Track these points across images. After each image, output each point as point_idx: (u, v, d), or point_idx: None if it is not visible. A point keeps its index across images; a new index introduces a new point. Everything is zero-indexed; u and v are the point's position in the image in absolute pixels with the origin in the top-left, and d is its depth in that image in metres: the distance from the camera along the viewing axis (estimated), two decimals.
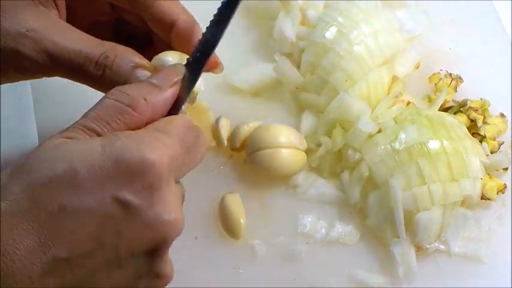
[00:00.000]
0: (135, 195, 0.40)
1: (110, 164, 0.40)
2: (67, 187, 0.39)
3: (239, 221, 0.60)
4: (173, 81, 0.46)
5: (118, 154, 0.40)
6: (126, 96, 0.43)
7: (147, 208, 0.41)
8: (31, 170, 0.40)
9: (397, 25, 0.68)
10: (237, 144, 0.63)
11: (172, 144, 0.43)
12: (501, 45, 0.72)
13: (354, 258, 0.61)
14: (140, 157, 0.40)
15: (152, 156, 0.41)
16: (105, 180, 0.40)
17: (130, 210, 0.40)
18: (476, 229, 0.61)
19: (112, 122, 0.43)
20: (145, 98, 0.44)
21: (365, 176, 0.60)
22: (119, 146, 0.40)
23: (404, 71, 0.67)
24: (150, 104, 0.44)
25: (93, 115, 0.43)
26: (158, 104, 0.45)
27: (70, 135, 0.42)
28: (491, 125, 0.64)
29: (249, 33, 0.73)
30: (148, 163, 0.40)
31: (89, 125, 0.42)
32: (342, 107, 0.62)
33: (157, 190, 0.41)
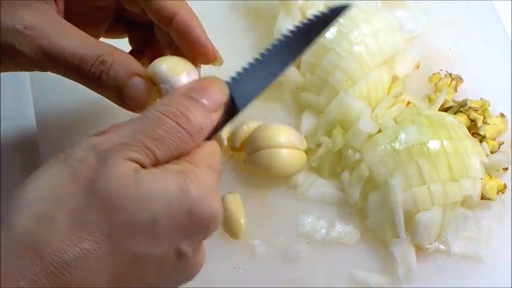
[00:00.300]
0: (191, 247, 0.42)
1: (185, 216, 0.40)
2: (145, 238, 0.39)
3: (239, 221, 0.60)
4: (220, 103, 0.45)
5: (192, 205, 0.40)
6: (186, 121, 0.42)
7: (194, 257, 0.43)
8: (112, 210, 0.38)
9: (397, 25, 0.68)
10: (237, 144, 0.63)
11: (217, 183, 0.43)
12: (501, 45, 0.72)
13: (354, 258, 0.61)
14: (209, 211, 0.41)
15: (216, 207, 0.41)
16: (177, 232, 0.40)
17: (182, 260, 0.42)
18: (476, 229, 0.61)
19: (172, 148, 0.42)
20: (201, 127, 0.43)
21: (365, 176, 0.60)
22: (194, 196, 0.40)
23: (404, 71, 0.67)
24: (204, 132, 0.44)
25: (156, 135, 0.41)
26: (207, 127, 0.44)
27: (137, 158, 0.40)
28: (491, 125, 0.64)
29: (249, 33, 0.72)
30: (213, 216, 0.41)
31: (152, 148, 0.41)
32: (342, 107, 0.62)
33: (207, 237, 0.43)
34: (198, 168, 0.42)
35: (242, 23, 0.73)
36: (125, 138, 0.41)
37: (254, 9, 0.73)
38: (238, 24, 0.73)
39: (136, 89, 0.48)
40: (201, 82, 0.46)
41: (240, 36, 0.72)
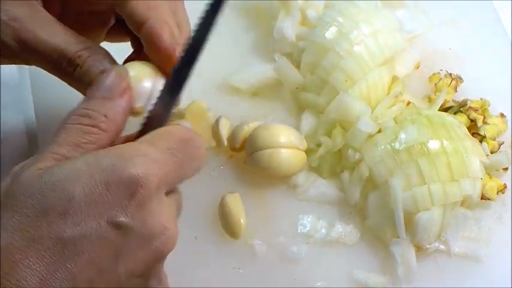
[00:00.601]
0: (127, 216, 0.40)
1: (100, 186, 0.40)
2: (62, 217, 0.39)
3: (239, 221, 0.60)
4: (122, 88, 0.46)
5: (105, 175, 0.40)
6: (86, 118, 0.43)
7: (140, 227, 0.41)
8: (21, 206, 0.39)
9: (397, 25, 0.68)
10: (237, 144, 0.63)
11: (162, 159, 0.42)
12: (501, 45, 0.72)
13: (354, 258, 0.61)
14: (127, 175, 0.40)
15: (139, 172, 0.40)
16: (98, 204, 0.40)
17: (125, 232, 0.40)
18: (476, 229, 0.61)
19: (82, 144, 0.42)
20: (104, 114, 0.44)
21: (365, 176, 0.60)
22: (105, 165, 0.40)
23: (404, 71, 0.67)
24: (111, 118, 0.44)
25: (61, 141, 0.42)
26: (116, 116, 0.45)
27: (44, 166, 0.41)
28: (491, 125, 0.64)
29: (249, 33, 0.73)
30: (135, 181, 0.40)
31: (60, 151, 0.42)
32: (342, 107, 0.62)
33: (148, 207, 0.41)
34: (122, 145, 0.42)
35: (242, 23, 0.73)
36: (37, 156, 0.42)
37: (254, 9, 0.73)
38: (238, 24, 0.73)
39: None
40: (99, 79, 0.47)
41: (240, 36, 0.72)
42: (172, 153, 0.43)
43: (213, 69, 0.69)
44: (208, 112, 0.65)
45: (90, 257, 0.39)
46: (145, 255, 0.42)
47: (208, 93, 0.68)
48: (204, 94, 0.67)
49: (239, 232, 0.60)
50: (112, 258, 0.40)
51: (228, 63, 0.70)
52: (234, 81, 0.68)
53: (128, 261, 0.41)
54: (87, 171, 0.40)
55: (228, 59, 0.70)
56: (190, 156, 0.45)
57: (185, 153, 0.45)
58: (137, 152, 0.42)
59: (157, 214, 0.42)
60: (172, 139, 0.44)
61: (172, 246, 0.43)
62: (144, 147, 0.42)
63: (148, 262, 0.42)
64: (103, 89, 0.46)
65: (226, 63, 0.70)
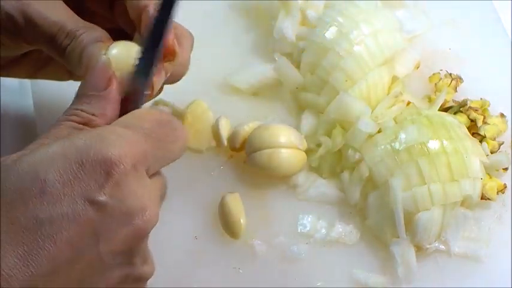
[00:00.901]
0: (105, 194, 0.40)
1: (74, 166, 0.40)
2: (38, 198, 0.39)
3: (239, 221, 0.60)
4: (107, 80, 0.46)
5: (80, 154, 0.40)
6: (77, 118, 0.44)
7: (119, 204, 0.41)
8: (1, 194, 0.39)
9: (397, 25, 0.68)
10: (237, 144, 0.63)
11: (136, 139, 0.43)
12: (501, 45, 0.72)
13: (354, 258, 0.61)
14: (101, 155, 0.40)
15: (113, 152, 0.41)
16: (73, 183, 0.40)
17: (104, 210, 0.40)
18: (476, 229, 0.61)
19: None
20: (93, 113, 0.45)
21: (365, 176, 0.60)
22: (80, 146, 0.40)
23: (404, 71, 0.67)
24: (100, 115, 0.45)
25: (50, 134, 0.43)
26: (106, 110, 0.45)
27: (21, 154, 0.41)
28: (491, 125, 0.64)
29: (249, 33, 0.73)
30: (110, 161, 0.40)
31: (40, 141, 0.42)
32: (342, 107, 0.62)
33: (126, 186, 0.41)
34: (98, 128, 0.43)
35: (242, 23, 0.73)
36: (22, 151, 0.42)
37: (254, 9, 0.73)
38: (238, 24, 0.73)
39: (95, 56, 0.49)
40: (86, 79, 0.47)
41: (240, 36, 0.72)
42: (147, 133, 0.44)
43: (213, 69, 0.69)
44: (208, 112, 0.65)
45: (68, 236, 0.39)
46: (125, 233, 0.42)
47: (208, 93, 0.68)
48: (204, 94, 0.67)
49: (239, 232, 0.60)
50: (91, 237, 0.40)
51: (228, 63, 0.70)
52: (234, 81, 0.68)
53: (108, 240, 0.41)
54: (62, 152, 0.40)
55: (228, 59, 0.70)
56: (168, 138, 0.45)
57: (161, 134, 0.45)
58: (111, 133, 0.42)
59: (136, 193, 0.42)
60: (146, 121, 0.44)
61: (152, 225, 0.43)
62: (118, 129, 0.43)
63: (129, 240, 0.42)
64: (88, 86, 0.46)
65: (226, 63, 0.70)
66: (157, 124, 0.45)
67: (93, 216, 0.40)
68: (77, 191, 0.40)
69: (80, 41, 0.49)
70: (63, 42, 0.49)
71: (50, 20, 0.49)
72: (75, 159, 0.40)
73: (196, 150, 0.65)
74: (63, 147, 0.40)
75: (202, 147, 0.65)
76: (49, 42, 0.49)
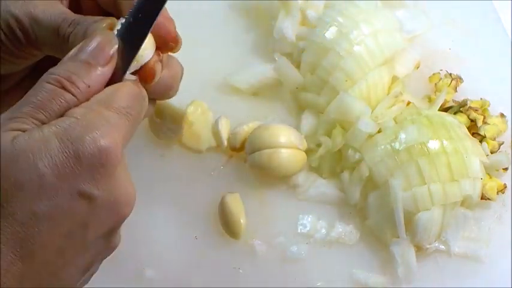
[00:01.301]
0: (96, 187, 0.41)
1: (71, 160, 0.40)
2: (35, 192, 0.39)
3: (239, 221, 0.60)
4: (108, 56, 0.45)
5: (76, 147, 0.40)
6: (69, 84, 0.43)
7: (109, 196, 0.42)
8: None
9: (397, 25, 0.68)
10: (237, 144, 0.63)
11: (120, 122, 0.43)
12: (501, 45, 0.72)
13: (354, 258, 0.61)
14: (96, 148, 0.41)
15: (107, 143, 0.41)
16: (69, 178, 0.40)
17: (95, 202, 0.41)
18: (476, 229, 0.61)
19: (57, 110, 0.43)
20: (88, 85, 0.44)
21: (365, 176, 0.60)
22: (75, 137, 0.40)
23: (404, 71, 0.67)
24: (91, 86, 0.44)
25: (39, 103, 0.42)
26: (97, 83, 0.45)
27: (20, 127, 0.41)
28: (491, 125, 0.64)
29: (249, 33, 0.72)
30: (104, 152, 0.41)
31: (37, 116, 0.42)
32: (342, 107, 0.62)
33: (116, 176, 0.42)
34: (86, 111, 0.42)
35: (242, 23, 0.73)
36: (9, 113, 0.42)
37: (254, 9, 0.73)
38: (238, 24, 0.73)
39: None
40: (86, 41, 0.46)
41: (240, 36, 0.72)
42: (128, 112, 0.44)
43: (213, 69, 0.69)
44: (208, 112, 0.65)
45: (61, 228, 0.40)
46: (112, 220, 0.43)
47: (208, 93, 0.68)
48: (204, 94, 0.67)
49: (239, 232, 0.61)
50: (81, 227, 0.42)
51: (228, 63, 0.70)
52: (234, 81, 0.68)
53: (96, 228, 0.43)
54: (59, 145, 0.40)
55: (228, 59, 0.70)
56: (142, 112, 0.46)
57: (137, 109, 0.45)
58: (100, 119, 0.42)
59: (122, 181, 0.43)
60: (124, 97, 0.44)
61: (132, 206, 0.45)
62: (104, 112, 0.43)
63: (113, 225, 0.44)
64: (87, 52, 0.45)
65: (226, 63, 0.70)
66: (133, 99, 0.45)
67: (86, 209, 0.41)
68: (72, 185, 0.40)
69: (82, 25, 0.48)
70: (67, 31, 0.48)
71: (54, 14, 0.49)
72: (72, 153, 0.40)
73: (196, 150, 0.65)
74: (60, 139, 0.40)
75: (202, 147, 0.65)
76: (54, 35, 0.49)
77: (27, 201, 0.39)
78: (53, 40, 0.49)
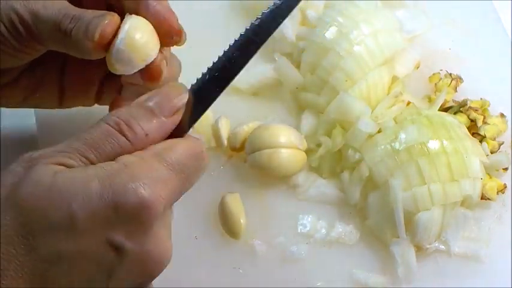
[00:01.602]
0: (128, 238, 0.40)
1: (108, 208, 0.39)
2: (65, 234, 0.39)
3: (239, 221, 0.60)
4: (175, 108, 0.45)
5: (116, 196, 0.39)
6: (127, 129, 0.42)
7: (139, 249, 0.41)
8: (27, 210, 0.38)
9: (397, 25, 0.68)
10: (237, 144, 0.63)
11: (169, 177, 0.42)
12: (501, 45, 0.72)
13: (354, 258, 0.61)
14: (137, 199, 0.39)
15: (149, 196, 0.40)
16: (102, 225, 0.39)
17: (124, 254, 0.40)
18: (476, 229, 0.61)
19: (108, 152, 0.42)
20: (147, 134, 0.43)
21: (365, 176, 0.60)
22: (117, 185, 0.39)
23: (404, 71, 0.67)
24: (149, 135, 0.43)
25: (90, 142, 0.41)
26: (156, 133, 0.44)
27: (65, 162, 0.40)
28: (491, 125, 0.64)
29: None
30: (144, 205, 0.40)
31: (86, 154, 0.41)
32: (342, 107, 0.62)
33: (152, 231, 0.41)
34: (138, 161, 0.41)
35: (242, 23, 0.73)
36: (60, 147, 0.41)
37: (254, 9, 0.73)
38: (238, 24, 0.73)
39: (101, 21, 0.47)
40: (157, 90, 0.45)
41: None
42: (181, 169, 0.43)
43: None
44: (208, 112, 0.65)
45: (83, 274, 0.40)
46: (139, 274, 0.42)
47: None
48: None
49: (239, 232, 0.60)
50: (105, 277, 0.40)
51: None
52: (234, 81, 0.68)
53: (120, 281, 0.41)
54: (99, 190, 0.39)
55: None
56: (196, 170, 0.45)
57: (192, 167, 0.44)
58: (148, 170, 0.41)
59: (159, 238, 0.42)
60: (183, 154, 0.43)
61: (166, 264, 0.43)
62: (154, 164, 0.41)
63: (140, 280, 0.42)
64: (154, 101, 0.44)
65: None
66: (191, 158, 0.44)
67: (113, 258, 0.40)
68: (103, 233, 0.39)
69: (84, 20, 0.48)
70: (68, 26, 0.48)
71: (55, 9, 0.49)
72: (110, 200, 0.39)
73: None
74: (102, 184, 0.39)
75: None
76: (55, 30, 0.49)
77: (54, 239, 0.38)
78: (55, 35, 0.49)
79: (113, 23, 0.48)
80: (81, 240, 0.39)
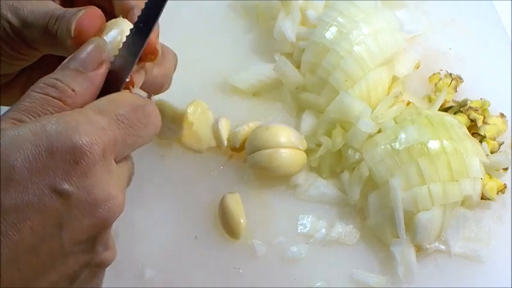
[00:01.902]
0: (71, 184, 0.40)
1: (44, 154, 0.40)
2: (5, 184, 0.39)
3: (239, 221, 0.60)
4: (98, 62, 0.45)
5: (50, 142, 0.40)
6: (54, 90, 0.43)
7: (85, 195, 0.41)
8: None
9: (397, 25, 0.68)
10: (237, 144, 0.63)
11: (108, 125, 0.43)
12: (501, 45, 0.72)
13: (354, 258, 0.61)
14: (71, 144, 0.40)
15: (83, 141, 0.40)
16: (41, 172, 0.40)
17: (69, 200, 0.40)
18: (476, 229, 0.61)
19: (42, 114, 0.42)
20: (73, 89, 0.44)
21: (365, 176, 0.60)
22: (50, 132, 0.40)
23: (404, 71, 0.67)
24: (79, 93, 0.44)
25: (23, 108, 0.42)
26: (87, 90, 0.44)
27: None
28: (491, 125, 0.64)
29: (249, 33, 0.73)
30: (79, 149, 0.40)
31: (19, 117, 0.42)
32: (342, 107, 0.62)
33: (93, 175, 0.41)
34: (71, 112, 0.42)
35: (242, 23, 0.73)
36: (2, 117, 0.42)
37: (254, 9, 0.73)
38: (238, 24, 0.73)
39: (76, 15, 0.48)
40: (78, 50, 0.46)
41: (240, 36, 0.72)
42: (120, 119, 0.44)
43: (213, 69, 0.69)
44: (208, 112, 0.65)
45: (32, 225, 0.39)
46: (89, 222, 0.42)
47: (208, 93, 0.68)
48: (204, 94, 0.67)
49: (239, 232, 0.60)
50: (55, 226, 0.40)
51: (228, 63, 0.70)
52: (234, 81, 0.68)
53: (72, 229, 0.41)
54: (32, 138, 0.40)
55: (228, 59, 0.70)
56: (141, 123, 0.45)
57: (134, 119, 0.45)
58: (83, 119, 0.42)
59: (102, 182, 0.42)
60: (121, 105, 0.44)
61: (118, 214, 0.43)
62: (91, 115, 0.42)
63: (93, 229, 0.42)
64: (77, 60, 0.45)
65: (226, 63, 0.70)
66: (132, 109, 0.45)
67: (58, 205, 0.40)
68: (44, 180, 0.40)
69: (65, 19, 0.48)
70: (54, 27, 0.48)
71: (41, 13, 0.49)
72: (45, 147, 0.40)
73: (196, 150, 0.65)
74: (35, 132, 0.40)
75: (202, 147, 0.65)
76: (43, 33, 0.49)
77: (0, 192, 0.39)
78: (45, 38, 0.49)
79: (90, 15, 0.48)
80: (22, 190, 0.39)
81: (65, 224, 0.41)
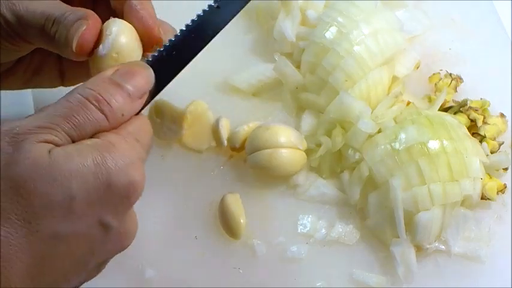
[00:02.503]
0: (116, 218, 0.42)
1: (102, 187, 0.41)
2: (64, 215, 0.40)
3: (239, 221, 0.60)
4: (144, 92, 0.46)
5: (110, 177, 0.41)
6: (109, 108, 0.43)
7: (121, 228, 0.43)
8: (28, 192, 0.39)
9: (397, 25, 0.68)
10: (237, 144, 0.63)
11: (145, 157, 0.44)
12: (501, 45, 0.72)
13: (354, 258, 0.61)
14: (128, 180, 0.41)
15: (137, 177, 0.42)
16: (96, 204, 0.41)
17: (110, 232, 0.42)
18: (476, 229, 0.61)
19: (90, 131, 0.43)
20: (122, 114, 0.44)
21: (365, 176, 0.60)
22: (111, 168, 0.41)
23: (404, 71, 0.67)
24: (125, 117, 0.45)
25: (74, 120, 0.42)
26: (129, 116, 0.45)
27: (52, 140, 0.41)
28: (491, 125, 0.64)
29: (249, 33, 0.73)
30: (133, 186, 0.42)
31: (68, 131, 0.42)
32: (342, 107, 0.62)
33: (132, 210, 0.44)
34: (122, 140, 0.43)
35: (242, 23, 0.73)
36: (41, 121, 0.41)
37: (254, 9, 0.73)
38: (238, 24, 0.73)
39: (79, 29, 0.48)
40: (128, 66, 0.46)
41: (240, 36, 0.72)
42: (148, 149, 0.46)
43: (213, 69, 0.69)
44: (208, 112, 0.65)
45: (75, 255, 0.41)
46: (115, 251, 0.44)
47: (208, 93, 0.68)
48: (204, 94, 0.67)
49: (239, 232, 0.60)
50: (89, 254, 0.42)
51: (228, 63, 0.70)
52: (234, 81, 0.68)
53: (100, 256, 0.43)
54: (94, 171, 0.40)
55: (228, 59, 0.70)
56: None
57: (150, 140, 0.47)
58: (134, 153, 0.43)
59: (133, 215, 0.44)
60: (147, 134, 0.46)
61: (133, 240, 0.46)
62: (135, 144, 0.43)
63: (113, 255, 0.45)
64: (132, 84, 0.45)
65: (226, 63, 0.70)
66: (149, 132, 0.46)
67: (100, 237, 0.42)
68: (96, 213, 0.41)
69: (64, 24, 0.48)
70: (51, 30, 0.49)
71: (37, 13, 0.49)
72: (105, 182, 0.41)
73: (196, 150, 0.65)
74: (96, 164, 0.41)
75: (202, 147, 0.65)
76: (40, 34, 0.50)
77: (54, 220, 0.39)
78: (41, 37, 0.50)
79: (91, 29, 0.48)
80: (78, 221, 0.40)
81: (96, 252, 0.42)
